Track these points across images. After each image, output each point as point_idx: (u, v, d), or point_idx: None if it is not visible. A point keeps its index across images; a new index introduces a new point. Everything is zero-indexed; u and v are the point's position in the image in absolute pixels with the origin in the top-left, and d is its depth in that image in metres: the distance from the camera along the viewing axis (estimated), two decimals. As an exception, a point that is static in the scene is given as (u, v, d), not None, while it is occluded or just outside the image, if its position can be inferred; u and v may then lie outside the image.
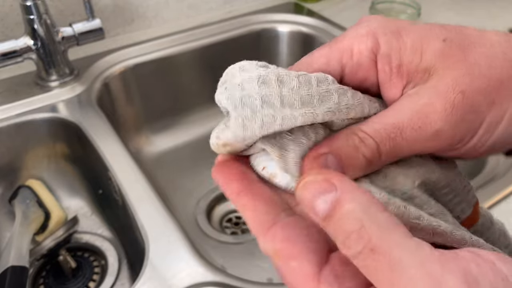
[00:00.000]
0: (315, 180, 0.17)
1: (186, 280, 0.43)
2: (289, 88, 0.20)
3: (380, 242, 0.15)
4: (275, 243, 0.17)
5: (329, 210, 0.16)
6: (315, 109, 0.20)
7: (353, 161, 0.19)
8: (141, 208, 0.50)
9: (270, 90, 0.20)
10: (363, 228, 0.15)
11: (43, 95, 0.66)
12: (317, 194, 0.16)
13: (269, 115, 0.19)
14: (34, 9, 0.61)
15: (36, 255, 0.58)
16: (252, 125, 0.19)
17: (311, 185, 0.17)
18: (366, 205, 0.16)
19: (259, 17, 0.86)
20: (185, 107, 0.83)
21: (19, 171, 0.66)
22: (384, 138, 0.20)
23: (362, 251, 0.15)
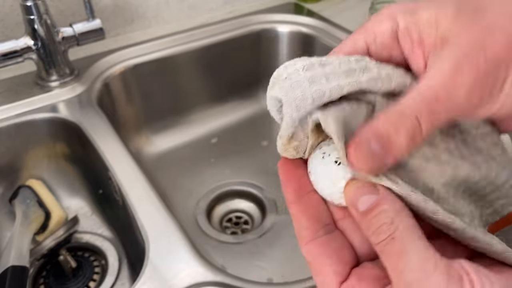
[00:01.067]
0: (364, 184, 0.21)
1: (186, 280, 0.43)
2: (331, 67, 0.22)
3: (401, 235, 0.19)
4: (309, 258, 0.22)
5: (368, 208, 0.20)
6: (358, 78, 0.21)
7: (396, 139, 0.20)
8: (141, 208, 0.50)
9: (315, 72, 0.21)
10: (392, 223, 0.19)
11: (44, 95, 0.66)
12: (363, 193, 0.20)
13: (318, 91, 0.21)
14: (34, 9, 0.61)
15: (37, 255, 0.58)
16: (304, 104, 0.21)
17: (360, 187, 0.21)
18: (399, 210, 0.20)
19: (259, 18, 0.86)
20: (185, 107, 0.83)
21: (19, 171, 0.66)
22: (420, 109, 0.20)
23: (386, 239, 0.19)
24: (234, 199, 0.74)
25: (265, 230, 0.68)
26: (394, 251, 0.19)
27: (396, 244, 0.19)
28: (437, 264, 0.18)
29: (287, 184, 0.23)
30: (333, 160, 0.22)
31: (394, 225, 0.19)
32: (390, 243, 0.19)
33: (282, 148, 0.24)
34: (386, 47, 0.23)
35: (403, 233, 0.19)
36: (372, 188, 0.20)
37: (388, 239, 0.19)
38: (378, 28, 0.23)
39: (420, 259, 0.18)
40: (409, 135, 0.20)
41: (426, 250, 0.19)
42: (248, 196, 0.74)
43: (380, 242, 0.20)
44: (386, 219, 0.20)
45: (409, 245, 0.19)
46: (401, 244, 0.19)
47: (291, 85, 0.21)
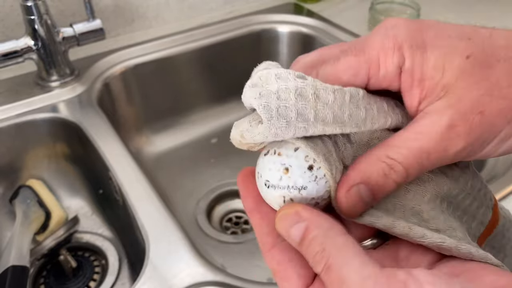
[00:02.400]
0: (288, 213, 0.20)
1: (186, 279, 0.43)
2: (324, 103, 0.21)
3: (335, 261, 0.19)
4: (273, 264, 0.21)
5: (300, 237, 0.20)
6: (344, 125, 0.21)
7: (383, 188, 0.21)
8: (142, 208, 0.50)
9: (306, 104, 0.20)
10: (324, 250, 0.19)
11: (44, 95, 0.66)
12: (291, 224, 0.20)
13: (302, 128, 0.20)
14: (34, 9, 0.61)
15: (37, 254, 0.58)
16: (284, 134, 0.20)
17: (285, 218, 0.20)
18: (327, 230, 0.19)
19: (259, 18, 0.86)
20: (186, 107, 0.83)
21: (19, 171, 0.66)
22: (411, 163, 0.21)
23: (323, 269, 0.19)
24: (234, 199, 0.74)
25: (265, 230, 0.68)
26: (334, 279, 0.19)
27: (333, 273, 0.19)
28: (377, 279, 0.18)
29: (246, 194, 0.23)
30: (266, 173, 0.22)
31: (326, 251, 0.19)
32: (328, 272, 0.19)
33: (237, 143, 0.23)
34: (386, 79, 0.22)
35: (336, 258, 0.19)
36: (296, 216, 0.20)
37: (325, 269, 0.19)
38: (384, 61, 0.22)
39: (359, 280, 0.18)
40: (397, 184, 0.21)
41: (362, 268, 0.18)
42: (248, 196, 0.74)
43: (320, 272, 0.19)
44: (317, 247, 0.19)
45: (345, 270, 0.18)
46: (338, 271, 0.18)
47: (278, 109, 0.20)
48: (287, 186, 0.21)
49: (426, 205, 0.22)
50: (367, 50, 0.22)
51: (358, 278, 0.18)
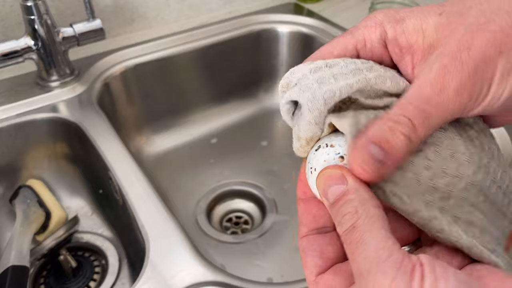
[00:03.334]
0: (334, 173, 0.21)
1: (186, 279, 0.43)
2: (338, 68, 0.22)
3: (362, 224, 0.19)
4: (300, 251, 0.24)
5: (336, 197, 0.21)
6: (366, 75, 0.22)
7: (393, 142, 0.21)
8: (142, 208, 0.50)
9: (323, 74, 0.22)
10: (356, 212, 0.20)
11: (44, 95, 0.66)
12: (332, 183, 0.21)
13: (328, 91, 0.22)
14: (34, 9, 0.61)
15: (37, 254, 0.58)
16: (316, 105, 0.22)
17: (329, 177, 0.21)
18: (364, 199, 0.20)
19: (259, 18, 0.86)
20: (186, 107, 0.83)
21: (19, 171, 0.66)
22: (414, 112, 0.21)
23: (349, 228, 0.20)
24: (234, 199, 0.74)
25: (265, 230, 0.68)
26: (354, 240, 0.19)
27: (356, 233, 0.19)
28: (392, 254, 0.18)
29: (299, 183, 0.25)
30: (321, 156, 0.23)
31: (357, 214, 0.20)
32: (351, 232, 0.20)
33: (300, 150, 0.24)
34: (376, 53, 0.24)
35: (364, 222, 0.19)
36: (341, 178, 0.21)
37: (350, 228, 0.20)
38: (368, 34, 0.24)
39: (376, 248, 0.18)
40: (406, 137, 0.21)
41: (384, 240, 0.19)
42: (248, 196, 0.74)
43: (344, 231, 0.20)
44: (350, 209, 0.20)
45: (368, 234, 0.19)
46: (361, 233, 0.19)
47: (301, 88, 0.22)
48: None
49: (459, 192, 0.21)
50: (353, 31, 0.25)
51: (375, 246, 0.19)
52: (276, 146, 0.82)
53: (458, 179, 0.21)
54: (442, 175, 0.21)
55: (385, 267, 0.18)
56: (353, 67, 0.22)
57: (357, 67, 0.23)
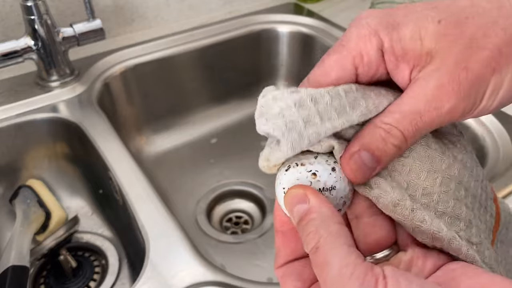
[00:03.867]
0: (298, 193, 0.22)
1: (186, 279, 0.43)
2: (324, 104, 0.22)
3: (324, 244, 0.20)
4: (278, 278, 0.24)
5: (300, 216, 0.21)
6: (350, 117, 0.22)
7: (384, 151, 0.22)
8: (142, 208, 0.50)
9: (308, 111, 0.22)
10: (317, 232, 0.20)
11: (44, 95, 0.66)
12: (296, 203, 0.22)
13: (314, 133, 0.22)
14: (34, 9, 0.61)
15: (37, 254, 0.58)
16: (300, 145, 0.22)
17: (294, 196, 0.22)
18: (326, 217, 0.21)
19: (259, 18, 0.86)
20: (186, 107, 0.83)
21: (19, 171, 0.66)
22: (406, 125, 0.22)
23: (312, 249, 0.20)
24: (234, 199, 0.74)
25: (265, 230, 0.68)
26: (319, 261, 0.20)
27: (320, 254, 0.20)
28: (355, 269, 0.19)
29: (276, 213, 0.25)
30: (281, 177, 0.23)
31: (318, 234, 0.20)
32: (316, 253, 0.20)
33: (265, 168, 0.25)
34: (373, 65, 0.23)
35: (326, 241, 0.20)
36: (303, 197, 0.22)
37: (314, 249, 0.20)
38: (364, 48, 0.23)
39: (339, 267, 0.19)
40: (396, 148, 0.22)
41: (347, 256, 0.19)
42: (248, 196, 0.74)
43: (309, 251, 0.21)
44: (312, 228, 0.21)
45: (331, 254, 0.20)
46: (324, 253, 0.20)
47: (286, 125, 0.22)
48: (318, 190, 0.22)
49: (438, 188, 0.22)
50: (346, 44, 0.23)
51: (339, 264, 0.19)
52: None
53: (435, 174, 0.23)
54: (419, 172, 0.23)
55: (349, 284, 0.18)
56: (337, 103, 0.22)
57: (341, 104, 0.22)
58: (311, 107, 0.22)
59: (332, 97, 0.22)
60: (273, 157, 0.23)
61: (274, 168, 0.24)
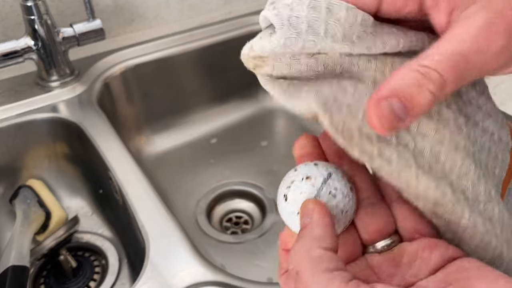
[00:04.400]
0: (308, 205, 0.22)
1: (186, 279, 0.43)
2: (335, 18, 0.20)
3: (305, 270, 0.20)
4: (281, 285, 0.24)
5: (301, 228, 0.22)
6: (353, 45, 0.21)
7: (419, 100, 0.19)
8: (142, 208, 0.50)
9: (318, 16, 0.20)
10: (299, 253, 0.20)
11: (44, 95, 0.66)
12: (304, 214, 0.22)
13: (311, 41, 0.20)
14: (34, 9, 0.61)
15: (37, 254, 0.58)
16: (293, 45, 0.20)
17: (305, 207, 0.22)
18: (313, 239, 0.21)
19: (259, 18, 0.86)
20: (186, 107, 0.83)
21: (19, 171, 0.66)
22: (447, 68, 0.19)
23: (292, 270, 0.20)
24: (234, 199, 0.74)
25: (265, 230, 0.68)
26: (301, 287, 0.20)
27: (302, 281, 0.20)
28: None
29: (281, 233, 0.25)
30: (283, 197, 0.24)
31: (300, 255, 0.20)
32: (298, 279, 0.20)
33: (245, 58, 0.23)
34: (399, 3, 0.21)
35: (307, 267, 0.20)
36: (310, 211, 0.22)
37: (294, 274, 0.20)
38: None
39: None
40: (432, 96, 0.19)
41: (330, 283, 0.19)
42: (248, 196, 0.74)
43: (290, 273, 0.20)
44: (296, 247, 0.21)
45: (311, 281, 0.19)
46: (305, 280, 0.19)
47: (289, 19, 0.20)
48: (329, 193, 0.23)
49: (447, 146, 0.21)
50: None
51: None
52: (276, 146, 0.82)
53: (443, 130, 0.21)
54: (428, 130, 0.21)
55: None
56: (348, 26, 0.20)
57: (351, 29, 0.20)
58: (322, 14, 0.20)
59: (348, 16, 0.20)
60: (258, 46, 0.22)
61: (253, 61, 0.23)
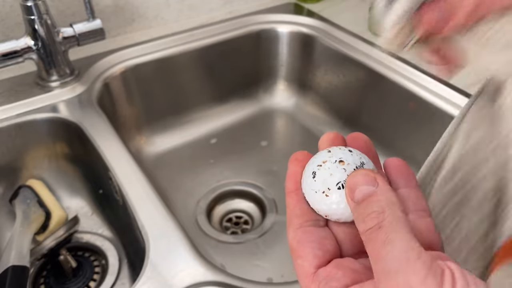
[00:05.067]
0: (368, 174, 0.21)
1: (186, 279, 0.43)
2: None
3: (388, 225, 0.19)
4: (293, 242, 0.22)
5: (364, 196, 0.21)
6: None
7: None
8: (142, 208, 0.50)
9: None
10: (383, 212, 0.20)
11: (44, 95, 0.66)
12: (362, 183, 0.21)
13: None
14: (34, 9, 0.61)
15: (37, 254, 0.58)
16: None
17: (363, 176, 0.21)
18: (392, 202, 0.20)
19: (259, 18, 0.86)
20: (185, 107, 0.83)
21: (19, 171, 0.66)
22: None
23: (374, 227, 0.19)
24: (234, 199, 0.74)
25: (265, 230, 0.68)
26: (380, 238, 0.19)
27: (382, 232, 0.19)
28: (421, 255, 0.18)
29: (290, 176, 0.24)
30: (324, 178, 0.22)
31: (384, 214, 0.20)
32: (377, 231, 0.19)
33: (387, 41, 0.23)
34: None
35: (391, 223, 0.19)
36: (373, 180, 0.21)
37: (376, 227, 0.19)
38: None
39: (404, 248, 0.18)
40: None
41: (411, 241, 0.19)
42: (248, 196, 0.74)
43: (368, 229, 0.20)
44: (377, 208, 0.20)
45: (395, 235, 0.19)
46: (387, 233, 0.19)
47: None
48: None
49: None
50: None
51: (404, 246, 0.18)
52: (276, 146, 0.82)
53: None
54: None
55: (416, 267, 0.18)
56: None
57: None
58: None
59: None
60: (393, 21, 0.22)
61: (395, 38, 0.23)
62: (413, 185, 0.23)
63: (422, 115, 0.68)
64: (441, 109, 0.65)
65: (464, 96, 0.64)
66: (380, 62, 0.73)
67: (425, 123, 0.68)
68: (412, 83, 0.69)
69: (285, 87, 0.90)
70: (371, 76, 0.74)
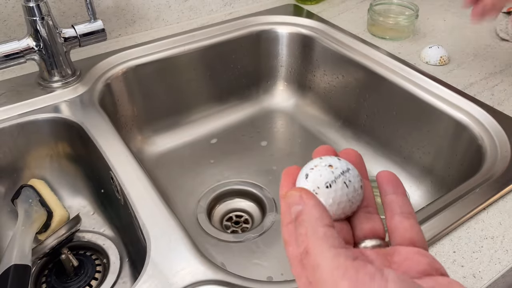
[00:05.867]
0: (294, 194, 0.24)
1: (187, 278, 0.43)
2: None
3: (312, 248, 0.21)
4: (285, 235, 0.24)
5: (295, 216, 0.23)
6: None
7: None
8: (143, 207, 0.50)
9: None
10: (306, 234, 0.22)
11: (46, 95, 0.67)
12: (292, 203, 0.24)
13: None
14: (36, 10, 0.62)
15: (39, 253, 0.59)
16: None
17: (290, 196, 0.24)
18: (315, 219, 0.22)
19: (259, 19, 0.87)
20: (186, 107, 0.84)
21: (22, 170, 0.66)
22: None
23: (303, 252, 0.21)
24: (234, 198, 0.74)
25: (265, 229, 0.68)
26: (310, 264, 0.21)
27: (310, 258, 0.21)
28: (347, 271, 0.20)
29: (284, 185, 0.28)
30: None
31: (307, 236, 0.22)
32: (306, 257, 0.21)
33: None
34: None
35: (314, 244, 0.21)
36: (299, 199, 0.24)
37: (304, 253, 0.21)
38: None
39: (330, 269, 0.20)
40: None
41: (334, 259, 0.20)
42: (248, 195, 0.74)
43: (300, 254, 0.22)
44: (302, 230, 0.22)
45: (319, 258, 0.21)
46: (313, 257, 0.21)
47: None
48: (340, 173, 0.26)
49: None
50: None
51: (329, 267, 0.20)
52: (276, 146, 0.82)
53: None
54: None
55: (342, 285, 0.19)
56: None
57: None
58: None
59: None
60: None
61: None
62: (400, 192, 0.26)
63: (421, 115, 0.69)
64: (439, 109, 0.66)
65: (463, 97, 0.65)
66: (379, 63, 0.74)
67: (423, 123, 0.69)
68: (411, 83, 0.69)
69: (285, 87, 0.90)
70: (370, 76, 0.75)
